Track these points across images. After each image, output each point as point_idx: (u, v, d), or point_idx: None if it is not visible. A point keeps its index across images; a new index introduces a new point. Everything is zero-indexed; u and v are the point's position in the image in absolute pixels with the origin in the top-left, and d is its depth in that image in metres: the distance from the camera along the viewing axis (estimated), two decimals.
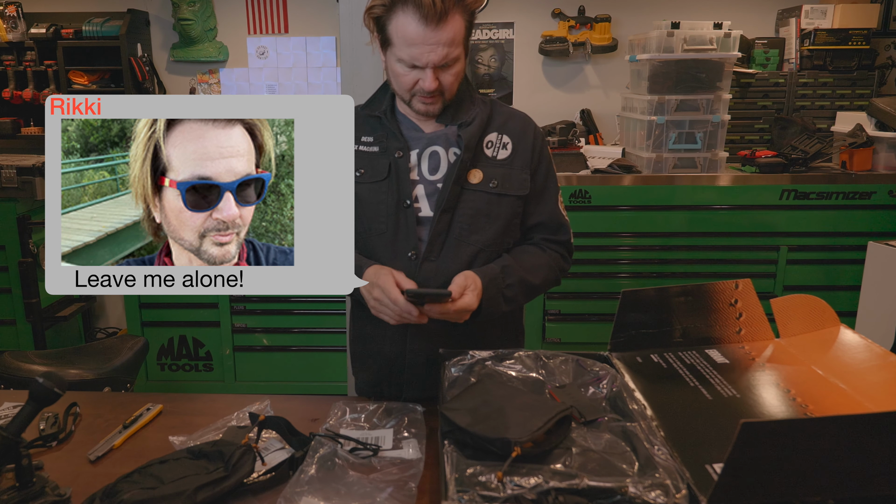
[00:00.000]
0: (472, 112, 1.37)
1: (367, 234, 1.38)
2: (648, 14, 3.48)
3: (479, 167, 1.36)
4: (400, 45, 1.25)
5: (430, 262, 1.34)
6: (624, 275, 3.07)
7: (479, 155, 1.37)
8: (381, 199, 1.35)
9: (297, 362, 3.19)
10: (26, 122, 3.59)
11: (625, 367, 1.21)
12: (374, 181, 1.36)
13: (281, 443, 1.14)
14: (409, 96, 1.31)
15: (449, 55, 1.24)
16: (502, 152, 1.39)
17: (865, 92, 3.29)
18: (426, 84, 1.26)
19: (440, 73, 1.27)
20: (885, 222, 2.96)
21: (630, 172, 2.99)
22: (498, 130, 1.39)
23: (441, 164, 1.36)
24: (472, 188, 1.35)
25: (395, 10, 1.23)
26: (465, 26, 1.26)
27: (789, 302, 1.28)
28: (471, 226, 1.35)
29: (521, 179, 1.39)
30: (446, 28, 1.22)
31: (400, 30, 1.24)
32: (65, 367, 2.11)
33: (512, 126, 1.41)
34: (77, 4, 3.57)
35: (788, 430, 0.79)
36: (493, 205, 1.36)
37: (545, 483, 0.87)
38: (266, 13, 3.61)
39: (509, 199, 1.38)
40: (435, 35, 1.22)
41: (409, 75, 1.27)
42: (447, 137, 1.36)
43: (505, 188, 1.37)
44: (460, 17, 1.24)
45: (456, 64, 1.28)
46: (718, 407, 1.06)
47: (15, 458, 0.97)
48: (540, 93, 3.64)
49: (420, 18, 1.21)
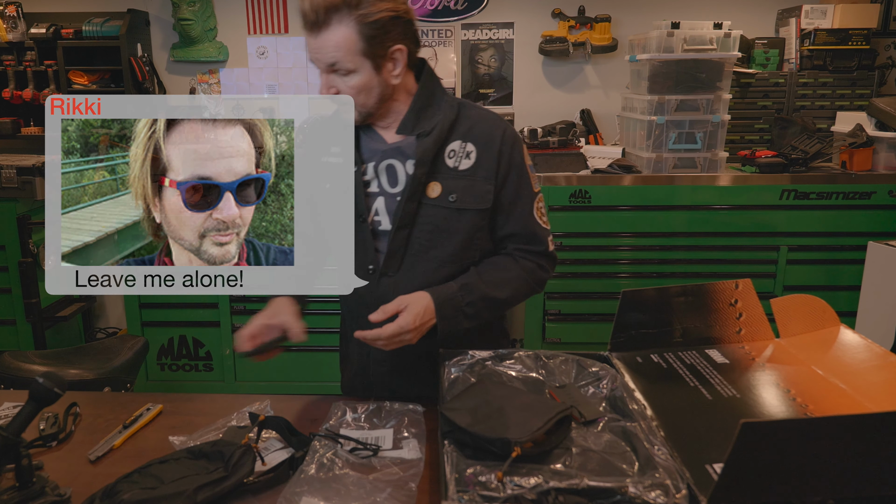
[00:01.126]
0: (434, 120, 1.31)
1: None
2: (648, 14, 3.48)
3: (438, 179, 1.30)
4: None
5: (388, 277, 1.33)
6: (624, 275, 3.07)
7: (440, 166, 1.31)
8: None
9: (297, 362, 3.19)
10: (26, 122, 3.59)
11: (625, 367, 1.21)
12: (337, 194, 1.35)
13: (281, 443, 1.14)
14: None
15: (338, 62, 1.23)
16: (465, 162, 1.31)
17: (865, 92, 3.29)
18: (320, 89, 1.28)
19: (335, 80, 1.26)
20: (885, 222, 2.96)
21: (630, 172, 2.99)
22: (462, 138, 1.32)
23: (399, 177, 1.32)
24: (431, 203, 1.30)
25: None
26: (357, 37, 1.21)
27: (789, 302, 1.28)
28: (429, 241, 1.31)
29: (483, 192, 1.31)
30: (327, 35, 1.21)
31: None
32: (65, 367, 2.11)
33: (478, 132, 1.32)
34: (77, 4, 3.57)
35: (788, 430, 0.79)
36: (453, 220, 1.31)
37: (545, 483, 0.87)
38: (266, 13, 3.61)
39: (469, 214, 1.31)
40: (317, 41, 1.23)
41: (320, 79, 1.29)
42: (403, 150, 1.32)
43: (465, 202, 1.30)
44: (346, 27, 1.21)
45: (351, 75, 1.25)
46: (718, 407, 1.06)
47: (15, 458, 0.97)
48: (540, 93, 3.64)
49: (304, 25, 1.24)
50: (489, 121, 1.35)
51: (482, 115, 1.36)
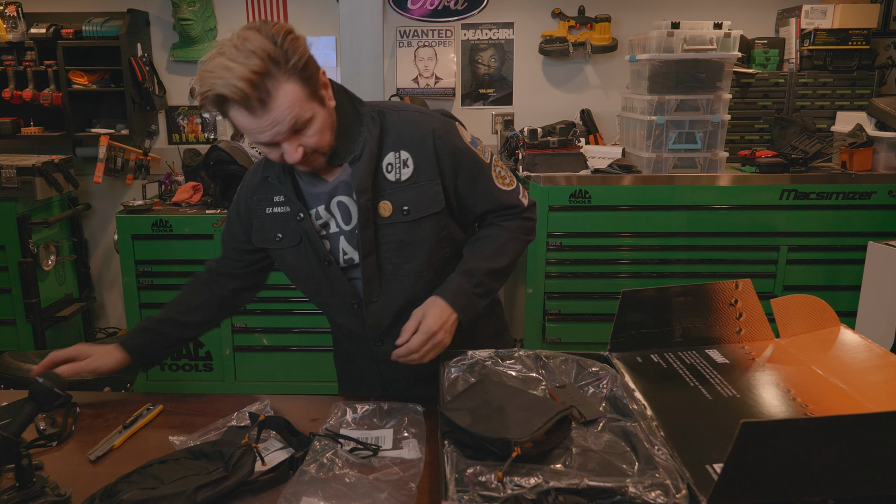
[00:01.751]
0: (360, 141, 1.26)
1: (309, 294, 1.40)
2: (648, 14, 3.48)
3: (385, 198, 1.27)
4: (246, 133, 1.19)
5: (373, 303, 1.32)
6: (624, 275, 3.07)
7: (382, 183, 1.27)
8: (303, 262, 1.33)
9: (297, 362, 3.19)
10: (26, 122, 3.59)
11: (625, 367, 1.21)
12: (293, 245, 1.33)
13: (281, 443, 1.14)
14: (290, 166, 1.25)
15: (296, 121, 1.14)
16: (405, 171, 1.28)
17: (865, 92, 3.29)
18: (290, 158, 1.18)
19: (299, 138, 1.17)
20: (885, 222, 2.96)
21: (630, 172, 2.99)
22: (394, 148, 1.28)
23: (351, 211, 1.29)
24: (386, 223, 1.28)
25: (223, 107, 1.14)
26: (301, 86, 1.13)
27: (789, 302, 1.28)
28: (399, 258, 1.30)
29: (433, 195, 1.28)
30: (275, 106, 1.11)
31: (237, 122, 1.16)
32: None
33: (407, 137, 1.29)
34: (77, 4, 3.57)
35: (788, 430, 0.79)
36: (414, 231, 1.29)
37: (545, 483, 0.87)
38: (266, 13, 3.61)
39: (427, 220, 1.29)
40: (269, 117, 1.12)
41: (274, 152, 1.19)
42: (346, 183, 1.28)
43: (419, 211, 1.28)
44: (290, 83, 1.12)
45: (311, 123, 1.17)
46: (718, 407, 1.06)
47: (15, 458, 0.97)
48: (540, 93, 3.64)
49: (246, 112, 1.12)
50: (413, 122, 1.31)
51: (405, 118, 1.31)
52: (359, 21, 2.10)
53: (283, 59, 1.11)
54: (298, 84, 1.13)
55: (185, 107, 3.74)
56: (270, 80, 1.10)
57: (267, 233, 1.36)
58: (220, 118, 1.66)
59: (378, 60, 2.13)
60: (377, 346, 1.36)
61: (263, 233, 1.37)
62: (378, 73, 2.13)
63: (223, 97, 1.10)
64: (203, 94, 1.12)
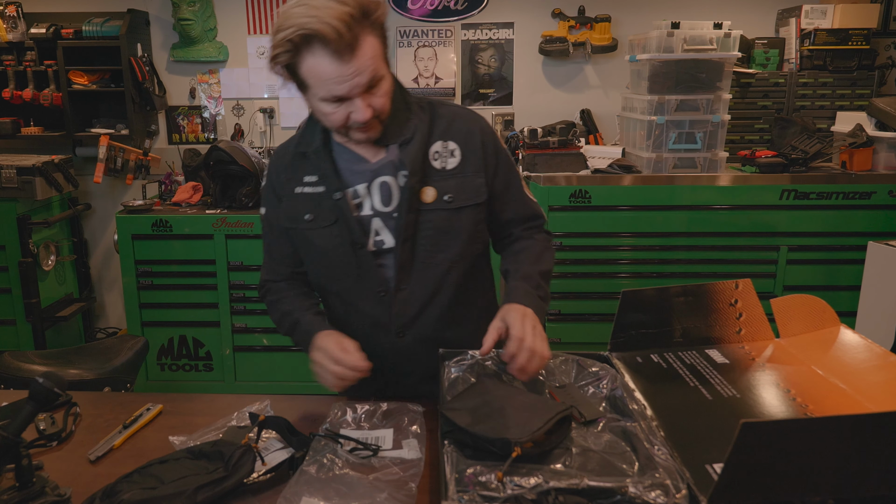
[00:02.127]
0: (411, 126, 1.28)
1: (331, 282, 1.35)
2: (648, 14, 3.48)
3: (430, 184, 1.28)
4: (318, 85, 1.15)
5: (402, 291, 1.31)
6: (624, 275, 3.07)
7: (428, 170, 1.28)
8: (335, 243, 1.30)
9: (297, 362, 3.19)
10: (26, 122, 3.59)
11: (625, 367, 1.21)
12: (325, 226, 1.30)
13: (281, 443, 1.14)
14: (345, 130, 1.23)
15: (374, 77, 1.15)
16: (451, 161, 1.30)
17: (865, 92, 3.29)
18: (359, 116, 1.17)
19: (369, 98, 1.17)
20: (885, 222, 2.96)
21: (630, 172, 2.99)
22: (442, 138, 1.30)
23: (393, 193, 1.29)
24: (428, 208, 1.28)
25: (301, 53, 1.12)
26: (379, 42, 1.16)
27: (789, 302, 1.28)
28: (434, 245, 1.29)
29: (477, 186, 1.31)
30: (361, 54, 1.12)
31: (313, 71, 1.13)
32: (65, 367, 2.11)
33: (457, 129, 1.32)
34: (77, 4, 3.57)
35: (788, 430, 0.79)
36: (453, 220, 1.29)
37: (545, 483, 0.87)
38: (266, 13, 3.61)
39: (468, 210, 1.31)
40: (352, 66, 1.12)
41: (339, 112, 1.18)
42: (393, 164, 1.28)
43: (461, 200, 1.29)
44: (372, 35, 1.14)
45: (382, 83, 1.19)
46: (718, 407, 1.06)
47: (15, 458, 0.97)
48: (540, 93, 3.64)
49: (332, 54, 1.10)
50: (464, 117, 1.35)
51: (455, 111, 1.35)
52: None
53: (370, 10, 1.13)
54: (378, 39, 1.16)
55: (185, 107, 3.74)
56: (359, 27, 1.11)
57: (295, 212, 1.32)
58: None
59: None
60: (398, 339, 1.33)
61: (291, 213, 1.33)
62: None
63: (312, 35, 1.08)
64: (288, 34, 1.10)
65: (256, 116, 3.69)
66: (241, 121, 3.73)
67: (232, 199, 3.18)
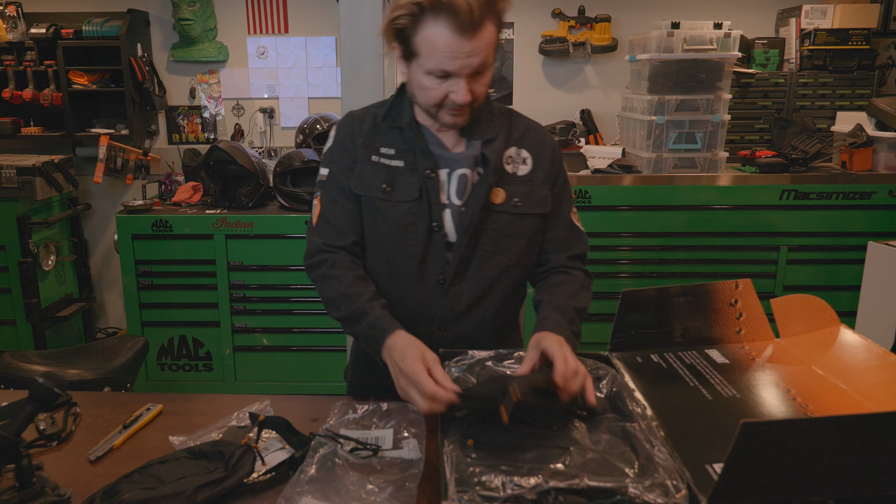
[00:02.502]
0: (494, 126, 1.31)
1: (394, 257, 1.31)
2: (648, 14, 3.48)
3: (501, 186, 1.29)
4: (430, 56, 1.15)
5: (455, 285, 1.30)
6: (624, 275, 3.07)
7: (500, 172, 1.30)
8: (411, 220, 1.28)
9: (297, 362, 3.19)
10: (26, 122, 3.59)
11: (625, 367, 1.21)
12: (405, 200, 1.28)
13: (281, 443, 1.14)
14: (437, 109, 1.23)
15: (484, 62, 1.17)
16: (522, 168, 1.32)
17: (865, 92, 3.29)
18: (459, 97, 1.18)
19: (472, 82, 1.18)
20: (885, 222, 2.96)
21: (630, 172, 2.99)
22: (517, 144, 1.33)
23: (467, 187, 1.29)
24: (497, 209, 1.29)
25: (425, 19, 1.13)
26: (496, 32, 1.18)
27: (789, 302, 1.28)
28: (494, 247, 1.30)
29: (543, 196, 1.33)
30: (481, 35, 1.13)
31: (430, 40, 1.13)
32: (65, 367, 2.11)
33: (530, 139, 1.35)
34: (77, 4, 3.57)
35: (788, 430, 0.79)
36: (516, 225, 1.31)
37: (545, 483, 0.87)
38: (266, 13, 3.61)
39: (532, 218, 1.32)
40: (471, 44, 1.13)
41: (440, 88, 1.18)
42: (473, 158, 1.29)
43: (528, 207, 1.31)
44: (491, 22, 1.16)
45: (487, 72, 1.20)
46: (718, 407, 1.06)
47: (15, 458, 0.96)
48: (540, 93, 3.64)
49: (455, 27, 1.11)
50: (537, 128, 1.38)
51: (529, 122, 1.39)
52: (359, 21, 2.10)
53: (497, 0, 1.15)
54: (496, 29, 1.17)
55: (185, 107, 3.74)
56: (484, 12, 1.13)
57: (370, 180, 1.29)
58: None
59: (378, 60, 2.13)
60: (438, 331, 1.32)
61: (366, 180, 1.30)
62: (378, 73, 2.13)
63: (443, 5, 1.10)
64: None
65: (256, 116, 3.69)
66: (241, 121, 3.73)
67: (232, 199, 3.18)
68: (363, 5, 2.10)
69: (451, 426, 1.04)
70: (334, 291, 1.28)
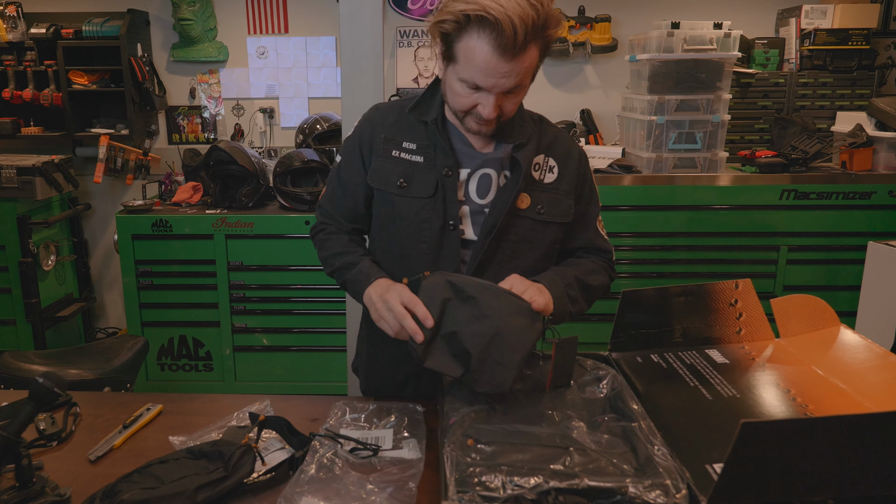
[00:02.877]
0: (526, 132, 1.31)
1: (408, 253, 1.32)
2: (648, 14, 3.48)
3: (527, 191, 1.30)
4: (466, 66, 1.15)
5: None
6: (624, 275, 3.07)
7: (528, 178, 1.30)
8: (425, 216, 1.29)
9: (297, 362, 3.19)
10: (26, 122, 3.59)
11: (625, 367, 1.21)
12: (420, 196, 1.29)
13: (281, 443, 1.14)
14: (464, 115, 1.24)
15: (518, 85, 1.17)
16: (549, 176, 1.33)
17: (865, 92, 3.29)
18: (486, 111, 1.18)
19: (502, 99, 1.19)
20: (885, 222, 2.96)
21: (630, 172, 2.99)
22: (544, 152, 1.34)
23: (491, 188, 1.30)
24: (520, 213, 1.30)
25: (469, 30, 1.12)
26: (539, 56, 1.17)
27: (789, 302, 1.28)
28: (514, 252, 1.31)
29: (566, 206, 1.34)
30: (521, 60, 1.13)
31: (469, 52, 1.13)
32: (65, 367, 2.11)
33: (557, 148, 1.35)
34: (77, 4, 3.57)
35: (788, 430, 0.79)
36: (538, 231, 1.32)
37: (545, 483, 0.87)
38: (266, 13, 3.61)
39: (553, 226, 1.33)
40: (508, 66, 1.12)
41: (469, 97, 1.19)
42: (500, 161, 1.29)
43: (551, 215, 1.32)
44: (536, 47, 1.15)
45: (521, 91, 1.21)
46: (718, 407, 1.06)
47: (15, 458, 0.97)
48: (540, 93, 3.64)
49: (496, 46, 1.10)
50: (565, 138, 1.39)
51: (557, 131, 1.40)
52: (359, 21, 2.10)
53: (549, 25, 1.14)
54: (539, 53, 1.17)
55: (185, 107, 3.74)
56: (531, 36, 1.11)
57: (387, 175, 1.31)
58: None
59: (378, 60, 2.13)
60: None
61: (382, 174, 1.32)
62: (378, 73, 2.13)
63: (489, 21, 1.08)
64: (466, 9, 1.09)
65: (256, 116, 3.69)
66: (241, 121, 3.73)
67: (232, 199, 3.18)
68: (363, 5, 2.09)
69: (452, 426, 1.04)
70: (329, 251, 1.37)
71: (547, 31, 1.14)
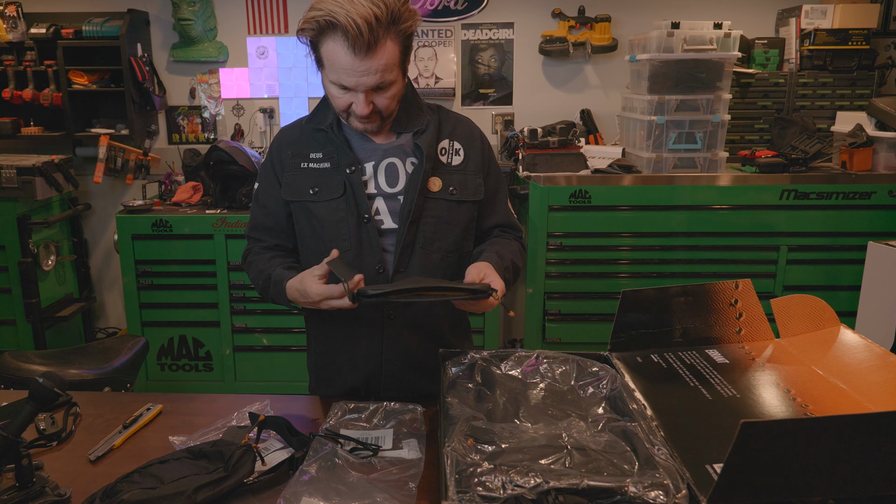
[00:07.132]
0: (423, 119, 1.38)
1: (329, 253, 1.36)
2: (648, 14, 3.48)
3: (437, 175, 1.37)
4: (331, 68, 1.23)
5: (399, 273, 1.35)
6: (624, 275, 3.07)
7: (436, 162, 1.38)
8: (339, 216, 1.35)
9: (297, 362, 3.19)
10: (26, 122, 3.58)
11: (625, 367, 1.21)
12: (330, 199, 1.35)
13: (281, 443, 1.14)
14: (346, 115, 1.31)
15: (382, 80, 1.23)
16: (455, 158, 1.41)
17: (865, 92, 3.29)
18: (358, 109, 1.26)
19: (374, 96, 1.25)
20: (885, 222, 2.96)
21: (630, 172, 2.99)
22: (449, 137, 1.41)
23: (399, 176, 1.37)
24: (434, 196, 1.36)
25: (325, 36, 1.20)
26: (399, 50, 1.23)
27: (789, 302, 1.28)
28: (434, 234, 1.37)
29: (476, 185, 1.42)
30: (376, 56, 1.19)
31: (330, 55, 1.21)
32: (65, 367, 2.11)
33: (461, 132, 1.43)
34: (77, 4, 3.57)
35: (788, 430, 0.79)
36: (453, 211, 1.38)
37: (545, 483, 0.87)
38: (266, 13, 3.61)
39: (467, 205, 1.40)
40: (364, 64, 1.19)
41: (343, 98, 1.26)
42: (403, 148, 1.37)
43: (463, 194, 1.39)
44: (393, 42, 1.21)
45: (391, 87, 1.26)
46: (718, 407, 1.06)
47: (15, 458, 0.97)
48: (540, 93, 3.64)
49: (349, 48, 1.18)
50: (465, 122, 1.47)
51: (458, 117, 1.46)
52: None
53: (400, 18, 1.20)
54: (399, 47, 1.23)
55: (185, 107, 3.74)
56: (382, 31, 1.18)
57: (299, 186, 1.38)
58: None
59: None
60: (387, 319, 1.38)
61: (294, 186, 1.38)
62: None
63: (336, 25, 1.16)
64: (316, 15, 1.17)
65: (256, 116, 3.69)
66: (241, 121, 3.72)
67: (232, 199, 3.18)
68: None
69: (452, 426, 1.04)
70: (253, 272, 1.43)
71: (400, 26, 1.21)
